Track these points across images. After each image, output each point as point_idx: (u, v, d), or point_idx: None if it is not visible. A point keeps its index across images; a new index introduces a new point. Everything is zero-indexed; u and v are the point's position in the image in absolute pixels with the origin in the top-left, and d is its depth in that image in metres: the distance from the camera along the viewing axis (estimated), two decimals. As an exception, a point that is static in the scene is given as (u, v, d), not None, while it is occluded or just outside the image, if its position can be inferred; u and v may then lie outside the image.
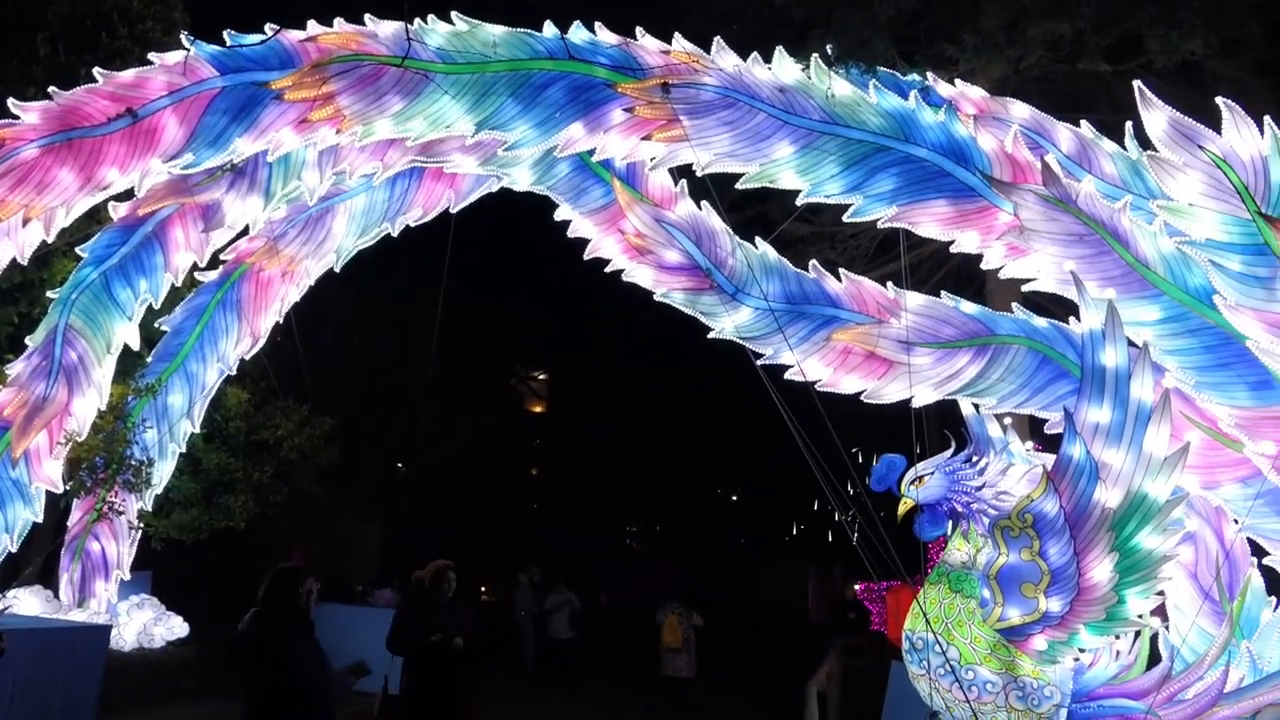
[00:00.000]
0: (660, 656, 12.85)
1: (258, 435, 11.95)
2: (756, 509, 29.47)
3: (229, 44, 5.95)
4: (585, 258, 6.54)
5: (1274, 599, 5.12)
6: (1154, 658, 5.15)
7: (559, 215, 6.58)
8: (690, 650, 12.88)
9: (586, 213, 6.44)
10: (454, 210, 7.51)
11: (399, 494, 19.72)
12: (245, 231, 8.16)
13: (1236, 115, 4.82)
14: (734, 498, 31.96)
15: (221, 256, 8.77)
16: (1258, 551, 5.34)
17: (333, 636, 7.42)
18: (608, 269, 6.46)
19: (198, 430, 10.03)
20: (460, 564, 7.32)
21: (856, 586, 14.18)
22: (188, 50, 5.92)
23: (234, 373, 9.66)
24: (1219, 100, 4.96)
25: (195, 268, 8.52)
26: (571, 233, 6.54)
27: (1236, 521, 5.29)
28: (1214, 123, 4.90)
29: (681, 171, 6.23)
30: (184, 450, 10.16)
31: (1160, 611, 5.27)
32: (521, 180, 6.59)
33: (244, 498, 11.54)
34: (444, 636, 6.61)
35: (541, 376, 27.44)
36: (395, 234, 7.87)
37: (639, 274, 6.31)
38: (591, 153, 5.93)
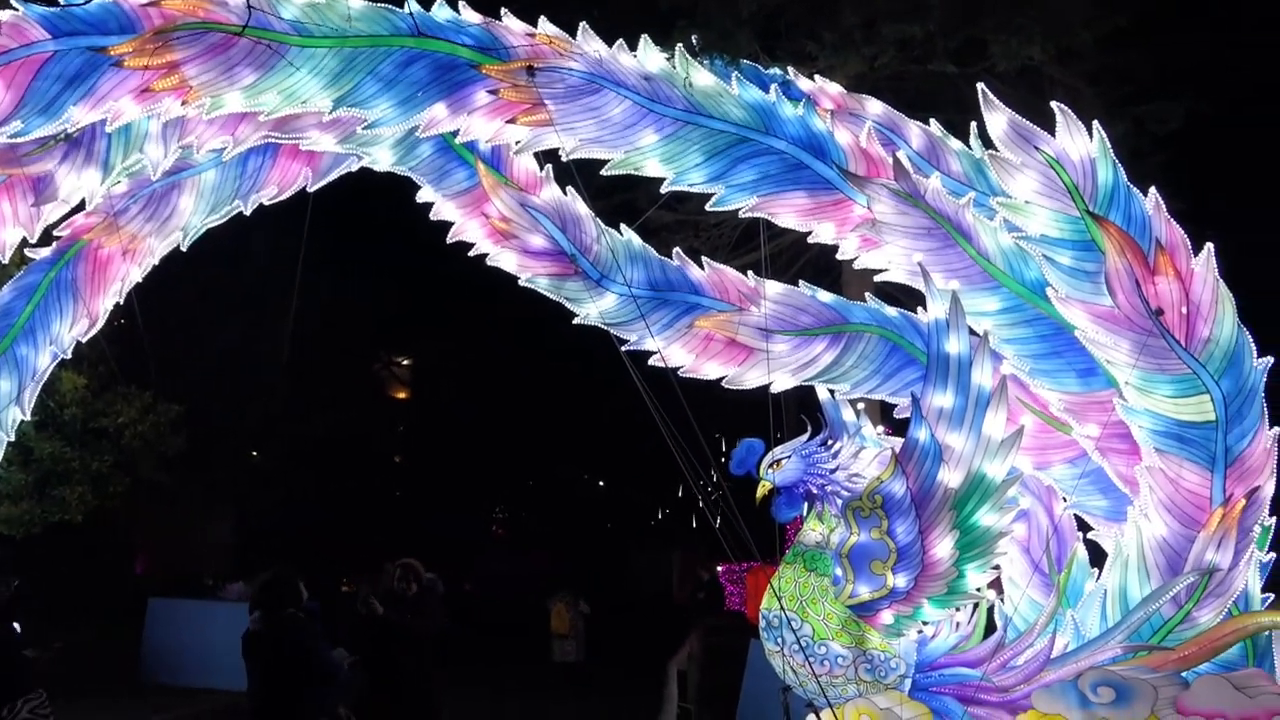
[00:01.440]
0: (549, 643, 13.12)
1: (96, 423, 11.31)
2: (625, 494, 29.76)
3: (61, 4, 5.56)
4: (448, 241, 6.43)
5: (1096, 570, 5.52)
6: (990, 628, 5.49)
7: (421, 197, 6.43)
8: (578, 636, 13.37)
9: (450, 195, 6.31)
10: (311, 189, 7.23)
11: (254, 483, 19.01)
12: (81, 206, 7.65)
13: (1069, 119, 5.14)
14: (601, 483, 32.19)
15: (55, 232, 8.20)
16: (1083, 527, 5.75)
17: (183, 633, 7.22)
18: (471, 253, 6.37)
19: (28, 418, 9.37)
20: (321, 556, 7.28)
21: (719, 568, 14.59)
22: (15, 9, 5.50)
23: (69, 356, 9.06)
24: (1053, 104, 5.28)
25: (25, 244, 7.92)
26: (434, 215, 6.41)
27: (1065, 499, 5.67)
28: (1050, 126, 5.22)
29: (547, 156, 6.19)
30: (13, 439, 9.47)
31: (996, 584, 5.61)
32: (383, 160, 6.40)
33: (81, 489, 10.92)
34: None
35: (405, 361, 26.87)
36: (248, 212, 7.53)
37: (503, 258, 6.25)
38: (455, 134, 5.82)
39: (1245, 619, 5.00)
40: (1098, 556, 5.58)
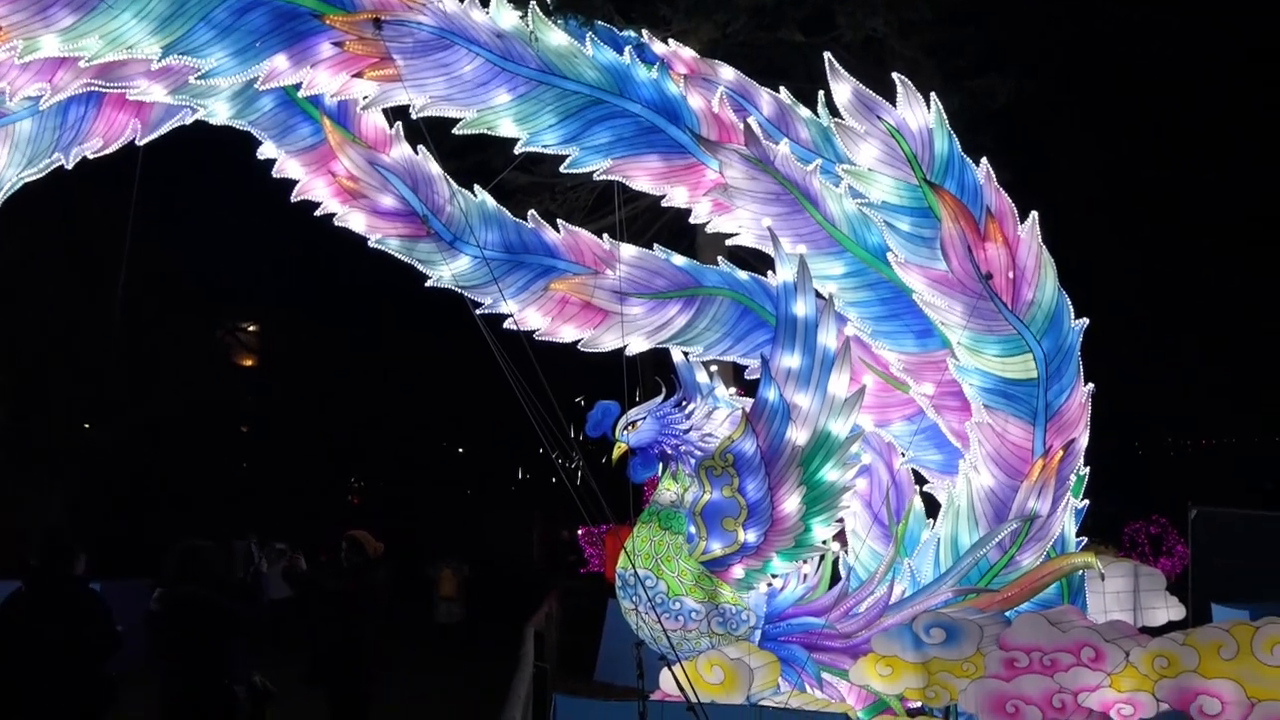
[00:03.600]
0: (435, 605, 14.70)
1: (-101, 395, 10.38)
2: (483, 460, 29.56)
3: None
4: (293, 200, 6.16)
5: (931, 521, 5.85)
6: (835, 578, 5.75)
7: (263, 153, 6.13)
8: (462, 598, 14.85)
9: (294, 152, 6.03)
10: (140, 143, 6.77)
11: (88, 459, 17.88)
12: (-125, 156, 6.94)
13: (909, 91, 5.35)
14: (460, 450, 31.86)
15: None
16: (920, 480, 6.07)
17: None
18: (318, 213, 6.13)
19: None
20: (166, 533, 6.96)
21: (579, 531, 14.87)
22: None
23: None
24: (895, 76, 5.48)
25: None
26: (277, 173, 6.11)
27: (903, 454, 5.98)
28: (893, 96, 5.41)
29: (397, 114, 6.00)
30: None
31: (841, 537, 5.88)
32: (220, 113, 6.04)
33: (-115, 467, 10.02)
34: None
35: (252, 328, 25.64)
36: (70, 166, 7.00)
37: (352, 219, 6.03)
38: (298, 88, 5.56)
39: (1061, 561, 5.42)
40: (933, 508, 5.91)
